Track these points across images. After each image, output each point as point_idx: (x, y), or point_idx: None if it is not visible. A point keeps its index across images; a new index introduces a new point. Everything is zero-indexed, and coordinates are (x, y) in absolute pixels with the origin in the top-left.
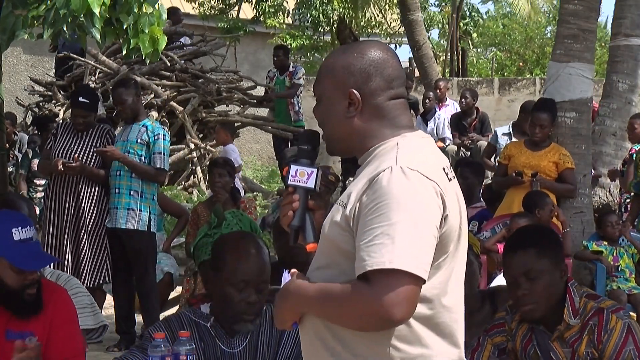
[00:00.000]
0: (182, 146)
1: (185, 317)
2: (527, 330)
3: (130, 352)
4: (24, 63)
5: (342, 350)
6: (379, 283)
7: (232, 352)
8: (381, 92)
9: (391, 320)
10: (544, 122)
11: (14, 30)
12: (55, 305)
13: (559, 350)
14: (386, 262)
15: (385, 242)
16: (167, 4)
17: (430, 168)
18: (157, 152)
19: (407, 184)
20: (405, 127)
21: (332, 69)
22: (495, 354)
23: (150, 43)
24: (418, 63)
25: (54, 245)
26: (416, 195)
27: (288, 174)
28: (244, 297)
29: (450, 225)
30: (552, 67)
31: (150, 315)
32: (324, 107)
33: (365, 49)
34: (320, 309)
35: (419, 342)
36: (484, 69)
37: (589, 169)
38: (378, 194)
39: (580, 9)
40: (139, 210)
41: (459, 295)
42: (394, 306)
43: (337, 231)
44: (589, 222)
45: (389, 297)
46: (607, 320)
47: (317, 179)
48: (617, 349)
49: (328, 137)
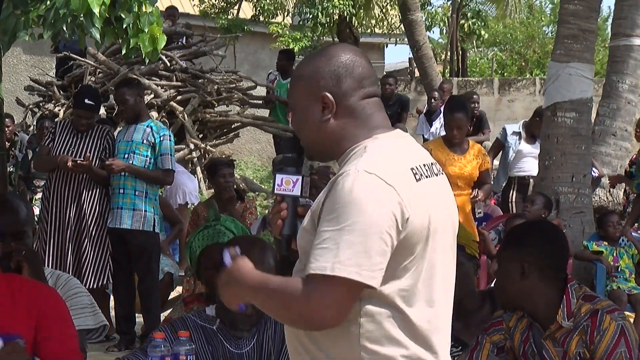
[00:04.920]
0: (182, 146)
1: (190, 321)
2: (525, 328)
3: (133, 354)
4: (24, 63)
5: (316, 350)
6: (313, 285)
7: (240, 352)
8: (353, 92)
9: (316, 323)
10: (461, 122)
11: (14, 32)
12: (43, 305)
13: (551, 349)
14: (327, 268)
15: (330, 247)
16: (167, 3)
17: (391, 171)
18: (165, 153)
19: (360, 188)
20: (378, 126)
21: (302, 76)
22: (494, 353)
23: (150, 42)
24: (418, 63)
25: (56, 246)
26: (368, 200)
27: (274, 183)
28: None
29: (414, 227)
30: (552, 67)
31: (151, 315)
32: (298, 115)
33: (332, 52)
34: (258, 300)
35: (390, 342)
36: (484, 69)
37: (588, 169)
38: (333, 198)
39: (580, 9)
40: (144, 210)
41: (435, 296)
42: (320, 309)
43: (304, 236)
44: (589, 222)
45: (317, 300)
46: (601, 321)
47: (302, 185)
48: (608, 350)
49: (306, 144)
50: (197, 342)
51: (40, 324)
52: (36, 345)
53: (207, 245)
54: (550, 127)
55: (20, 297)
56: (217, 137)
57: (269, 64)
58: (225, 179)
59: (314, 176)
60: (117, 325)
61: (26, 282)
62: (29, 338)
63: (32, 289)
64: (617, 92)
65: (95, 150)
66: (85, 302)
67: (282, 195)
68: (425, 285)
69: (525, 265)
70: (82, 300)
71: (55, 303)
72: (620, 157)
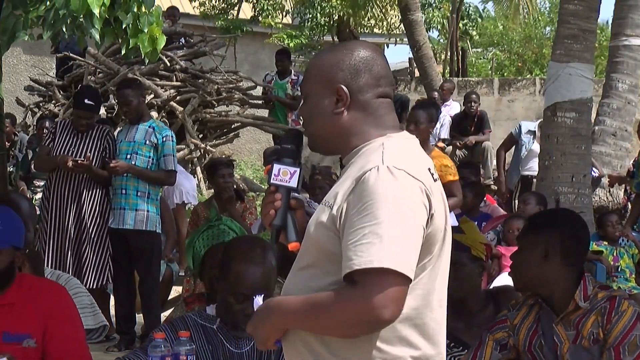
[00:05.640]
0: (182, 146)
1: (190, 320)
2: (533, 322)
3: (134, 353)
4: (24, 63)
5: (324, 351)
6: (366, 283)
7: (240, 352)
8: (369, 89)
9: (381, 321)
10: (420, 119)
11: (14, 32)
12: (53, 305)
13: (562, 333)
14: (374, 261)
15: (373, 241)
16: (167, 3)
17: (416, 168)
18: (167, 154)
19: (393, 183)
20: (390, 127)
21: (321, 66)
22: (497, 350)
23: (149, 42)
24: (418, 63)
25: (56, 246)
26: (403, 195)
27: (270, 172)
28: (243, 307)
29: (436, 226)
30: (552, 67)
31: (151, 315)
32: (310, 105)
33: (354, 46)
34: (306, 321)
35: (402, 342)
36: (484, 69)
37: (588, 169)
38: (365, 193)
39: (580, 9)
40: (147, 210)
41: (441, 296)
42: (383, 306)
43: (323, 232)
44: (589, 222)
45: (378, 297)
46: (619, 304)
47: (299, 178)
48: (624, 331)
49: (313, 134)
50: (197, 341)
51: (49, 324)
52: (44, 345)
53: (213, 245)
54: (550, 127)
55: (30, 296)
56: (217, 137)
57: (269, 64)
58: (224, 179)
59: (317, 176)
60: (117, 325)
61: (36, 282)
62: (38, 338)
63: (43, 289)
64: (617, 92)
65: (95, 150)
66: (85, 302)
67: (278, 185)
68: (440, 285)
69: (549, 249)
70: (82, 300)
71: (66, 304)
72: (620, 157)
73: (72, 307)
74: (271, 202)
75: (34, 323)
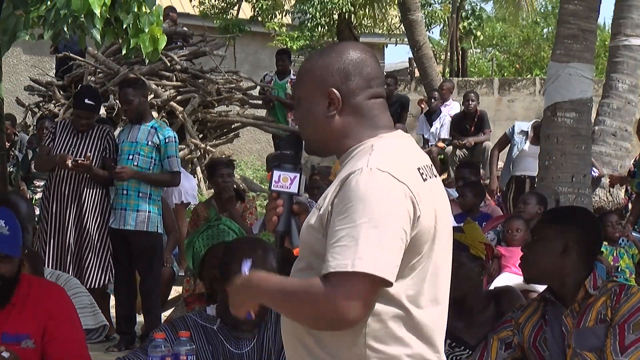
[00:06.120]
0: (182, 146)
1: (191, 320)
2: (539, 319)
3: (134, 353)
4: (24, 63)
5: (319, 351)
6: (337, 285)
7: (240, 352)
8: (360, 91)
9: (343, 321)
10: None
11: (15, 31)
12: (52, 306)
13: (570, 323)
14: (348, 265)
15: (348, 244)
16: (167, 3)
17: (402, 170)
18: (171, 155)
19: (375, 185)
20: (383, 127)
21: (311, 70)
22: (502, 349)
23: (150, 42)
24: (418, 63)
25: (56, 246)
26: (383, 197)
27: (271, 179)
28: None
29: (423, 227)
30: (552, 67)
31: (151, 315)
32: (303, 109)
33: (343, 49)
34: (279, 303)
35: (396, 342)
36: (486, 70)
37: (588, 169)
38: (346, 195)
39: (580, 9)
40: (148, 211)
41: (439, 296)
42: (347, 307)
43: (312, 234)
44: None
45: (343, 298)
46: (629, 288)
47: (300, 183)
48: (631, 310)
49: (308, 138)
50: (198, 341)
51: (48, 325)
52: (44, 346)
53: (213, 245)
54: (550, 127)
55: (29, 297)
56: (217, 137)
57: (269, 64)
58: (224, 179)
59: (316, 176)
60: (118, 325)
61: (36, 282)
62: (37, 339)
63: (42, 290)
64: (617, 92)
65: (95, 150)
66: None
67: (279, 191)
68: (431, 284)
69: (569, 244)
70: (82, 300)
71: (65, 305)
72: (620, 157)
73: (71, 307)
74: (273, 209)
75: (33, 324)
